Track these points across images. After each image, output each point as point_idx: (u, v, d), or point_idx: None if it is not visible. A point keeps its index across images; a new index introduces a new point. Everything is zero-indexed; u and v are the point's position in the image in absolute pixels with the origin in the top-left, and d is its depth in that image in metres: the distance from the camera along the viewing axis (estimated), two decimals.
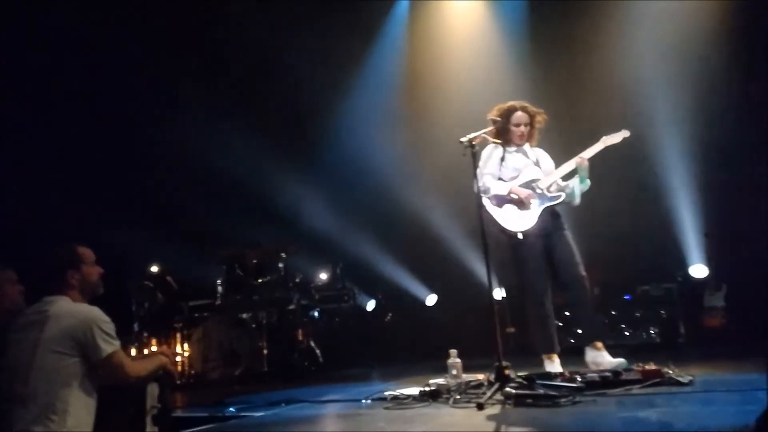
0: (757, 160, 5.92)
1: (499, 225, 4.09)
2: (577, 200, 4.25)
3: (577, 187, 4.20)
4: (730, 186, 6.35)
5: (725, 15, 6.43)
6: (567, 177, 4.25)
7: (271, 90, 7.76)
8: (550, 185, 4.18)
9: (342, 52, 7.63)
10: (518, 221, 4.11)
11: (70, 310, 2.55)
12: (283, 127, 7.85)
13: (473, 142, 3.78)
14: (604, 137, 4.18)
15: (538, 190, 4.16)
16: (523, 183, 4.20)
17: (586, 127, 4.19)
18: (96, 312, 2.58)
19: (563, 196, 4.19)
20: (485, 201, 4.08)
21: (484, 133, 4.02)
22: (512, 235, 4.07)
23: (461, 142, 3.76)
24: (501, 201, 4.12)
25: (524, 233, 4.09)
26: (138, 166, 7.62)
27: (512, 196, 4.13)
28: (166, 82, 7.29)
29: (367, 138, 7.68)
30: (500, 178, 4.20)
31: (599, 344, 4.03)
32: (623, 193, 6.69)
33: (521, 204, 4.13)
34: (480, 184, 3.92)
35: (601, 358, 3.94)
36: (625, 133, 4.20)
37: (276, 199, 7.69)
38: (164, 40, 7.21)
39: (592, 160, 4.19)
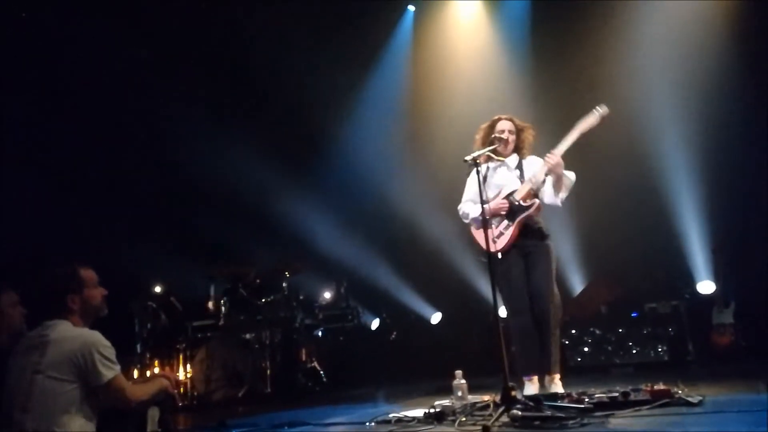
0: (766, 176, 5.89)
1: (479, 247, 4.03)
2: (556, 200, 4.05)
3: (550, 187, 4.05)
4: (737, 201, 6.30)
5: (733, 16, 6.41)
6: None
7: (277, 107, 7.80)
8: (525, 195, 4.06)
9: (348, 68, 7.68)
10: (498, 240, 4.04)
11: (70, 335, 2.52)
12: (289, 144, 7.87)
13: (477, 161, 3.76)
14: (577, 123, 3.95)
15: (516, 203, 4.07)
16: (503, 197, 4.13)
17: (589, 143, 4.08)
18: (96, 337, 2.55)
19: (537, 202, 4.06)
20: (471, 226, 4.18)
21: (487, 151, 4.02)
22: (492, 255, 4.01)
23: (465, 160, 3.74)
24: (479, 223, 4.01)
25: (502, 252, 4.03)
26: (142, 185, 7.63)
27: (485, 213, 4.03)
28: (171, 98, 7.32)
29: (372, 156, 7.70)
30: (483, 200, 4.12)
31: (551, 377, 3.98)
32: (629, 209, 6.67)
33: (499, 217, 4.08)
34: (461, 212, 4.21)
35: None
36: (601, 111, 3.96)
37: (281, 217, 7.69)
38: (172, 55, 7.25)
39: (596, 163, 4.05)
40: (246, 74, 7.68)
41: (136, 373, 5.88)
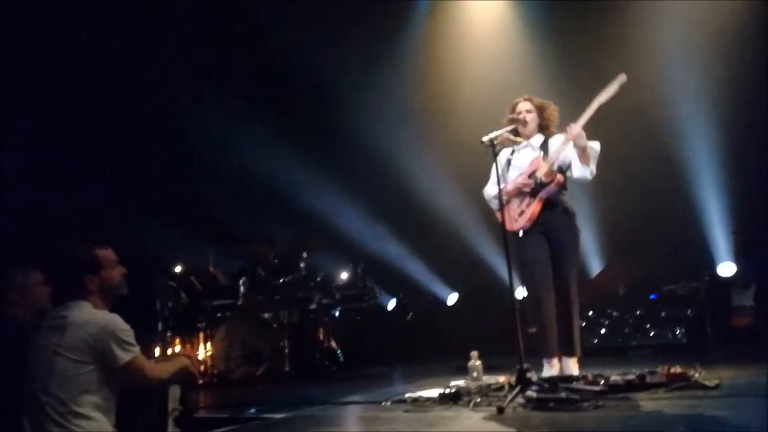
0: None
1: (503, 226, 3.93)
2: (586, 173, 3.92)
3: (576, 160, 3.93)
4: (760, 183, 6.19)
5: (755, 14, 6.26)
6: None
7: (296, 89, 7.77)
8: (546, 171, 3.97)
9: (366, 51, 7.62)
10: (519, 219, 4.02)
11: (88, 318, 2.55)
12: (307, 125, 7.86)
13: (494, 142, 3.73)
14: (597, 96, 3.86)
15: (537, 180, 3.99)
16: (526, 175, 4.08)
17: (609, 125, 4.02)
18: (114, 321, 2.57)
19: (557, 177, 3.96)
20: (493, 206, 4.15)
21: (505, 131, 3.99)
22: (515, 234, 4.00)
23: (482, 142, 3.71)
24: (501, 202, 3.90)
25: (525, 230, 4.00)
26: (163, 164, 7.70)
27: (505, 195, 3.96)
28: (192, 79, 7.34)
29: (390, 136, 7.67)
30: (507, 181, 4.07)
31: (570, 359, 3.96)
32: (649, 189, 6.59)
33: (520, 195, 4.03)
34: (485, 195, 4.24)
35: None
36: (620, 79, 3.86)
37: (298, 197, 7.73)
38: (189, 38, 7.26)
39: (617, 144, 3.95)
40: (263, 55, 7.66)
41: (158, 351, 6.01)
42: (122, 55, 6.90)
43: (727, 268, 6.34)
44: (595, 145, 3.96)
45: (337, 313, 6.97)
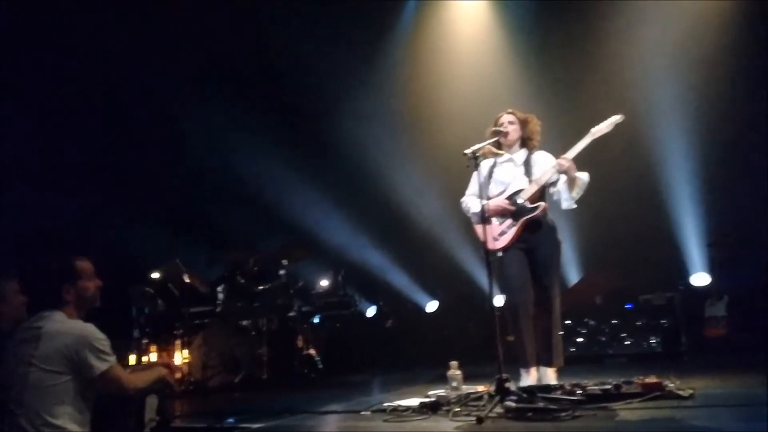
0: (763, 171, 5.93)
1: (480, 242, 3.94)
2: (572, 203, 4.03)
3: (564, 190, 4.01)
4: (734, 197, 6.34)
5: (734, 14, 6.41)
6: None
7: (277, 94, 7.76)
8: (531, 196, 4.03)
9: (350, 55, 7.64)
10: (500, 239, 4.03)
11: (63, 328, 2.52)
12: (289, 131, 7.84)
13: (477, 154, 3.76)
14: (592, 129, 3.99)
15: (519, 201, 4.05)
16: (507, 196, 4.09)
17: (593, 122, 4.06)
18: (89, 330, 2.54)
19: (542, 205, 4.04)
20: (473, 220, 4.16)
21: (488, 144, 4.02)
22: (492, 252, 4.02)
23: (465, 154, 3.74)
24: (479, 218, 3.94)
25: (503, 249, 4.02)
26: (143, 171, 7.62)
27: (486, 212, 3.94)
28: (173, 82, 7.29)
29: (372, 144, 7.69)
30: (488, 196, 4.07)
31: (548, 368, 4.00)
32: (626, 201, 6.69)
33: (501, 216, 4.07)
34: (463, 206, 4.21)
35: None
36: (616, 119, 3.98)
37: (280, 204, 7.70)
38: (175, 41, 7.22)
39: (594, 156, 4.04)
40: (249, 62, 7.65)
41: (133, 359, 5.92)
42: (114, 55, 6.86)
43: (700, 278, 6.46)
44: (583, 176, 4.01)
45: (316, 320, 6.94)
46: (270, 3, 7.28)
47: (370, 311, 8.01)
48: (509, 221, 4.06)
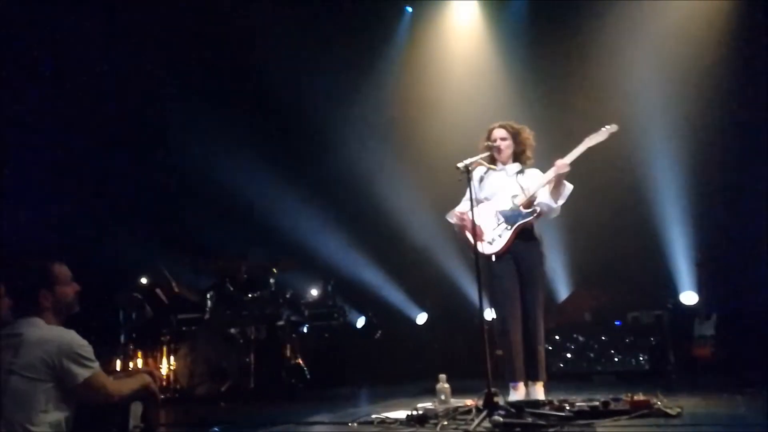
0: (751, 191, 5.98)
1: (473, 247, 3.94)
2: (552, 204, 4.05)
3: (547, 198, 4.05)
4: (721, 217, 6.39)
5: (727, 22, 6.46)
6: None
7: (267, 104, 7.77)
8: (526, 202, 4.06)
9: (343, 67, 7.67)
10: (494, 244, 4.05)
11: (44, 335, 2.47)
12: (279, 142, 7.84)
13: (469, 168, 3.77)
14: (586, 138, 4.02)
15: (512, 205, 4.08)
16: (495, 203, 4.14)
17: (583, 136, 4.09)
18: (70, 336, 2.50)
19: (538, 209, 4.08)
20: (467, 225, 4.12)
21: (480, 158, 4.04)
22: (487, 257, 4.04)
23: (458, 167, 3.75)
24: (473, 223, 3.86)
25: (497, 255, 4.04)
26: (132, 177, 7.59)
27: (463, 220, 4.03)
28: (161, 90, 7.28)
29: (363, 156, 7.70)
30: (479, 200, 4.11)
31: (536, 384, 4.01)
32: (616, 219, 6.73)
33: (495, 220, 4.07)
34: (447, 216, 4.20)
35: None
36: (611, 129, 4.01)
37: (270, 214, 7.67)
38: (163, 48, 7.22)
39: (584, 174, 4.07)
40: (239, 71, 7.65)
41: (119, 364, 5.85)
42: (104, 63, 6.84)
43: (689, 297, 6.49)
44: (568, 185, 4.06)
45: (305, 330, 6.90)
46: (261, 11, 7.28)
47: (359, 322, 7.97)
48: (504, 226, 4.08)
